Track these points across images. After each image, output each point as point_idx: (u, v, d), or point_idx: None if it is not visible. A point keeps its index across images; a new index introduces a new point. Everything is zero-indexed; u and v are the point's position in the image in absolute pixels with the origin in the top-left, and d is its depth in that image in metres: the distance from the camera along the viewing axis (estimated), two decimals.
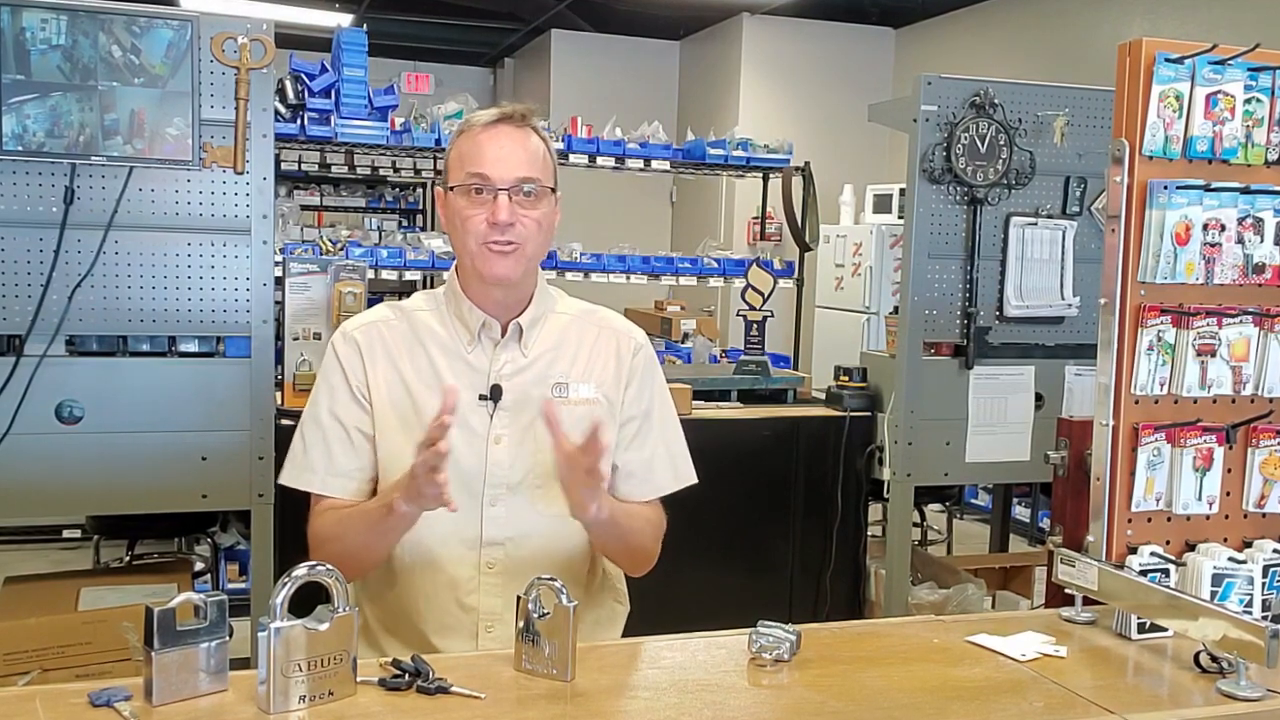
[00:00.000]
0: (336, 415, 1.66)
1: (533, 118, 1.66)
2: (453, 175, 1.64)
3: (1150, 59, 1.67)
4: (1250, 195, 1.72)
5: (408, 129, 3.99)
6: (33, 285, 2.45)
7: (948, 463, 3.14)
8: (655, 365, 1.79)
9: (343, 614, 1.30)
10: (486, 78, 9.71)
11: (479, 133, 1.62)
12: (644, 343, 1.78)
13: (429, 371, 1.67)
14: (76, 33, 2.40)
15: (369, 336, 1.69)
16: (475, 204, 1.60)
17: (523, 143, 1.62)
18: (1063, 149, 3.11)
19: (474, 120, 1.65)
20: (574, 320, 1.75)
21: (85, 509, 3.13)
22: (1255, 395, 1.76)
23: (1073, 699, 1.40)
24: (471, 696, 1.31)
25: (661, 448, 1.75)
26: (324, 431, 1.66)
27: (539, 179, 1.62)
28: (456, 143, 1.65)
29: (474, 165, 1.60)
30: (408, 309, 1.73)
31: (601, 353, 1.73)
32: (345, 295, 2.77)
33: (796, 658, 1.47)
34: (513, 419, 1.66)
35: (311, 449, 1.67)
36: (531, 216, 1.62)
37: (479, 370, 1.67)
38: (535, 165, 1.62)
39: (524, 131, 1.63)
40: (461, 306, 1.68)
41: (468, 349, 1.67)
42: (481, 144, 1.61)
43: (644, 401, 1.74)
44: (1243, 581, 1.66)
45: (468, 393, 1.64)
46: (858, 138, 6.99)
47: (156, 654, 1.23)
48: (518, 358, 1.68)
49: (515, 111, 1.65)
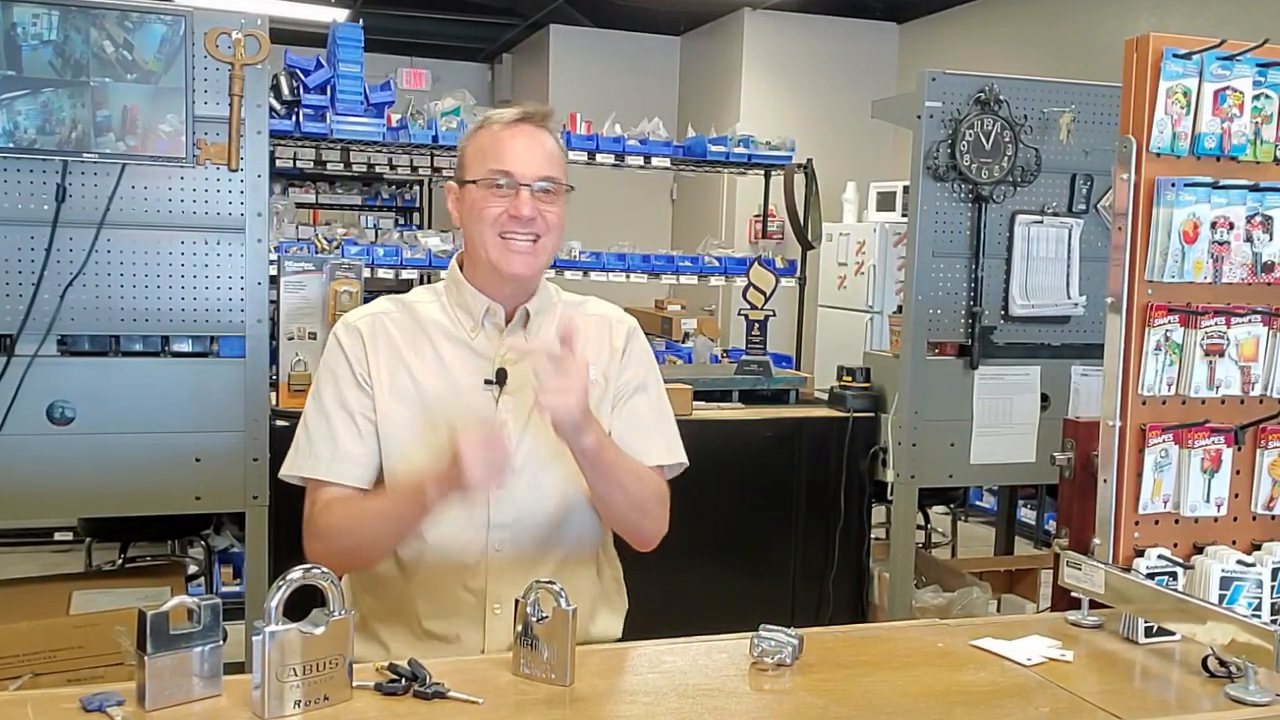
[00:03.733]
0: (342, 403, 1.67)
1: (550, 120, 1.71)
2: (471, 169, 1.67)
3: (1158, 54, 1.67)
4: (1259, 193, 1.72)
5: (404, 126, 3.98)
6: (24, 284, 2.45)
7: (952, 464, 3.12)
8: (647, 348, 1.82)
9: (338, 617, 1.30)
10: (484, 74, 9.69)
11: (501, 129, 1.66)
12: (635, 327, 1.81)
13: (433, 358, 1.68)
14: (68, 28, 2.39)
15: (371, 326, 1.70)
16: (496, 196, 1.64)
17: (542, 142, 1.67)
18: (1069, 146, 3.10)
19: (495, 117, 1.69)
20: (567, 309, 1.77)
21: (77, 511, 3.14)
22: (1264, 396, 1.76)
23: (1079, 704, 1.40)
24: (469, 701, 1.31)
25: (653, 420, 1.77)
26: (329, 420, 1.66)
27: (557, 177, 1.67)
28: (475, 137, 1.69)
29: (497, 161, 1.64)
30: (408, 301, 1.75)
31: (595, 339, 1.75)
32: (341, 294, 2.76)
33: (799, 662, 1.47)
34: (517, 403, 1.66)
35: (316, 440, 1.67)
36: (551, 212, 1.66)
37: (483, 356, 1.68)
38: (554, 165, 1.67)
39: (543, 132, 1.68)
40: (464, 293, 1.70)
41: (471, 335, 1.69)
42: (504, 140, 1.65)
43: (637, 377, 1.77)
44: (1251, 585, 1.65)
45: (473, 377, 1.66)
46: (861, 134, 6.97)
47: (149, 658, 1.23)
48: (522, 343, 1.69)
49: (537, 112, 1.69)
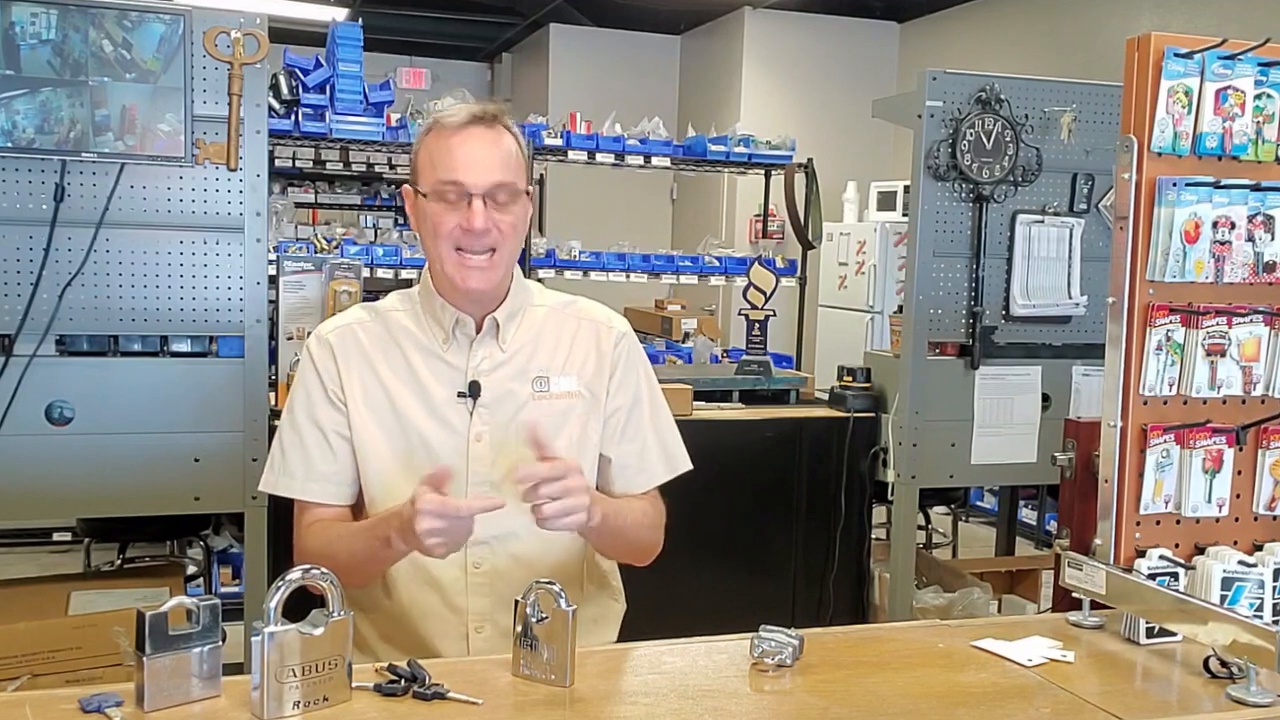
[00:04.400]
0: (314, 419, 1.65)
1: (504, 116, 1.62)
2: (423, 179, 1.60)
3: (1159, 54, 1.66)
4: (1261, 192, 1.71)
5: (404, 125, 3.98)
6: (22, 284, 2.44)
7: (953, 465, 3.12)
8: (639, 353, 1.77)
9: (338, 618, 1.29)
10: (483, 73, 9.67)
11: (450, 135, 1.58)
12: (625, 331, 1.76)
13: (406, 371, 1.65)
14: (67, 27, 2.38)
15: (343, 339, 1.67)
16: (448, 209, 1.57)
17: (495, 144, 1.59)
18: (1070, 145, 3.09)
19: (443, 120, 1.60)
20: (552, 312, 1.72)
21: (75, 511, 3.13)
22: (1266, 396, 1.75)
23: (1080, 705, 1.39)
24: (469, 702, 1.30)
25: (652, 436, 1.74)
26: (301, 436, 1.65)
27: (512, 182, 1.59)
28: (425, 142, 1.61)
29: (446, 171, 1.57)
30: (382, 309, 1.71)
31: (582, 345, 1.71)
32: (340, 294, 2.74)
33: (799, 663, 1.46)
34: (492, 415, 1.64)
35: (289, 454, 1.65)
36: (506, 221, 1.59)
37: (456, 368, 1.65)
38: (509, 168, 1.59)
39: (495, 132, 1.60)
40: (434, 304, 1.66)
41: (443, 347, 1.66)
42: (453, 148, 1.57)
43: (629, 391, 1.72)
44: (1253, 585, 1.64)
45: (446, 390, 1.63)
46: (861, 134, 6.97)
47: (148, 659, 1.23)
48: (495, 353, 1.66)
49: (486, 112, 1.60)
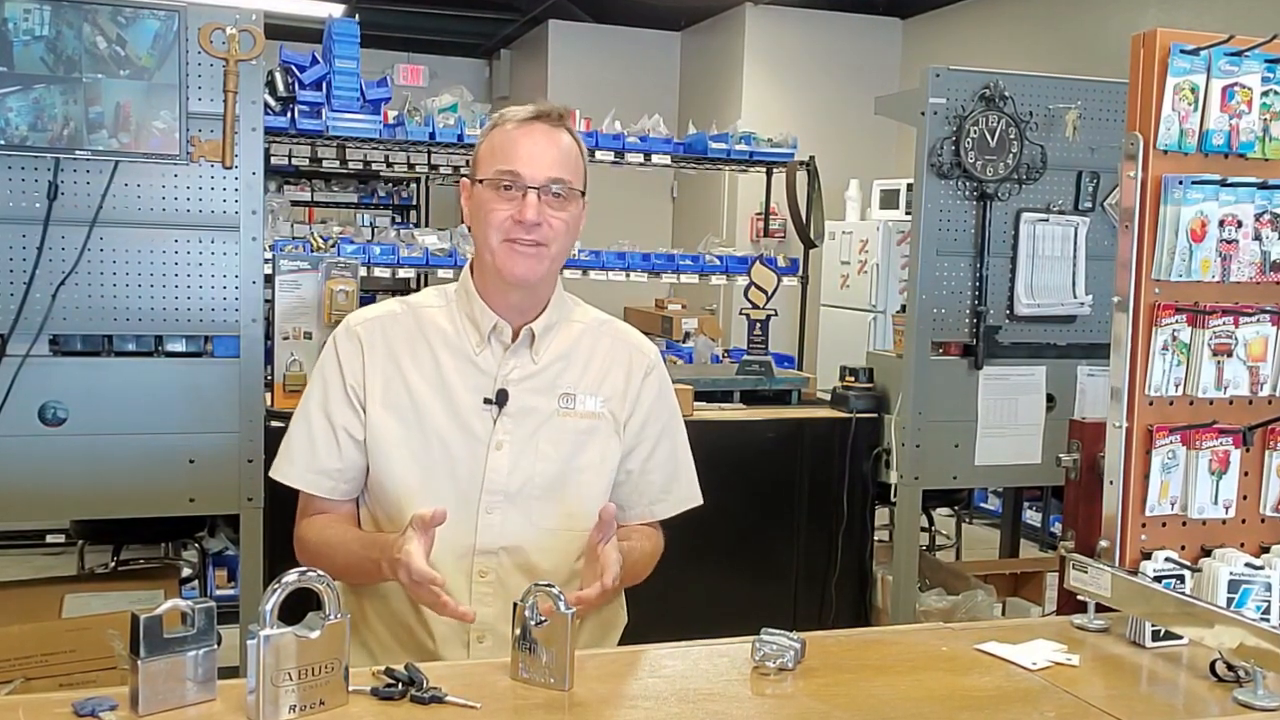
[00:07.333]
0: (327, 413, 1.65)
1: (568, 119, 1.66)
2: (482, 168, 1.63)
3: (1165, 50, 1.66)
4: (1268, 190, 1.71)
5: (401, 122, 3.98)
6: (15, 283, 2.42)
7: (956, 465, 3.10)
8: (668, 387, 1.78)
9: (334, 621, 1.28)
10: (482, 70, 9.66)
11: (513, 128, 1.61)
12: (657, 362, 1.77)
13: (432, 370, 1.65)
14: (60, 23, 2.37)
15: (371, 332, 1.67)
16: (503, 199, 1.59)
17: (556, 142, 1.62)
18: (1075, 143, 3.07)
19: (509, 115, 1.64)
20: (587, 329, 1.73)
21: (69, 513, 3.11)
22: (1273, 396, 1.75)
23: (1085, 709, 1.39)
24: (467, 706, 1.30)
25: (670, 471, 1.76)
26: (311, 426, 1.65)
27: (569, 180, 1.62)
28: (489, 135, 1.64)
29: (505, 161, 1.59)
30: (416, 304, 1.71)
31: (613, 365, 1.72)
32: (337, 293, 2.73)
33: (801, 666, 1.46)
34: (515, 425, 1.64)
35: (296, 441, 1.66)
36: (559, 218, 1.61)
37: (486, 373, 1.65)
38: (567, 166, 1.62)
39: (558, 131, 1.63)
40: (474, 306, 1.66)
41: (476, 350, 1.66)
42: (515, 140, 1.60)
43: (656, 426, 1.74)
44: (1260, 588, 1.64)
45: (472, 394, 1.63)
46: (864, 131, 6.94)
47: (143, 662, 1.22)
48: (527, 364, 1.66)
49: (552, 110, 1.64)
